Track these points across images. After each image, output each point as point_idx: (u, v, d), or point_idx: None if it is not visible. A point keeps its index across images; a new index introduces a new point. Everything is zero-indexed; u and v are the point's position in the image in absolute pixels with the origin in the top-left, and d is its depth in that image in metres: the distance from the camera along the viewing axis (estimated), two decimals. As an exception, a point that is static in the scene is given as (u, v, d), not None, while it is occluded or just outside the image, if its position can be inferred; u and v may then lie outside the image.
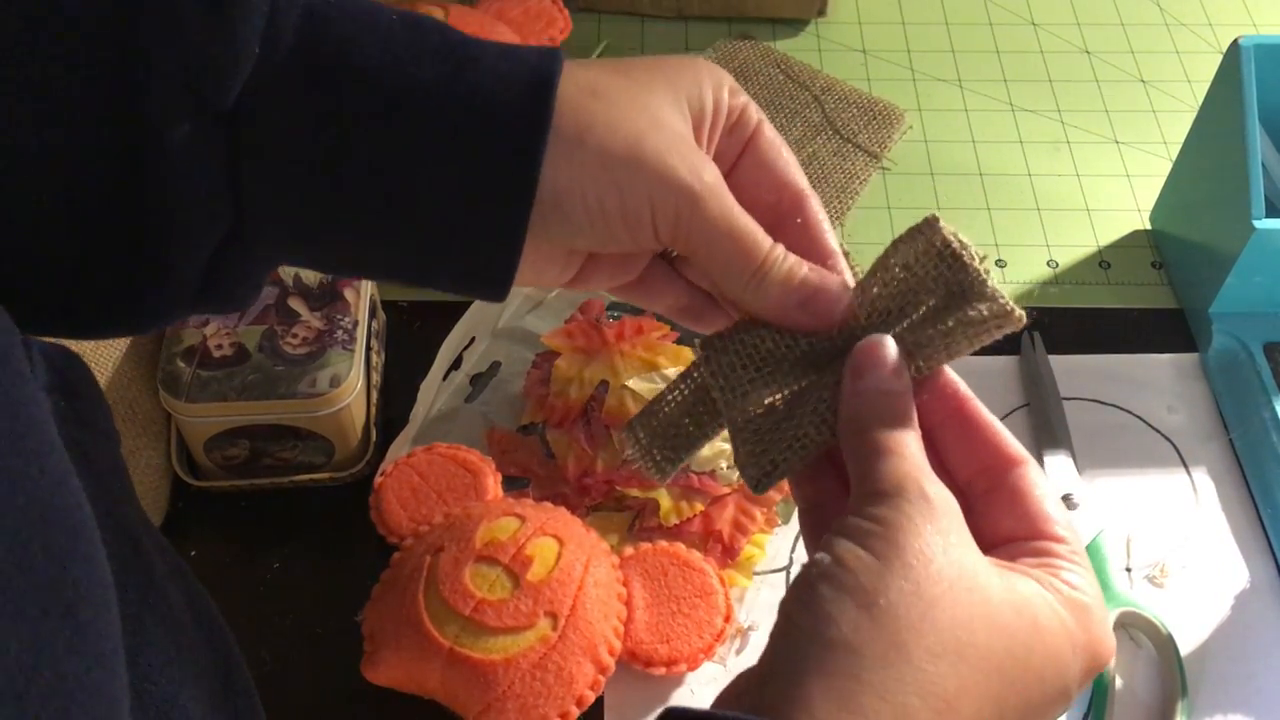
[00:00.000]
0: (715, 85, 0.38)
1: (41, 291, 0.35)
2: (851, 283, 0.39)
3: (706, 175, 0.36)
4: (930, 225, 0.36)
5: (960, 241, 0.36)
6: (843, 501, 0.36)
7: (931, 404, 0.36)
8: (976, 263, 0.36)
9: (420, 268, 0.38)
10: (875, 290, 0.37)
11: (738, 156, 0.39)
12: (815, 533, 0.38)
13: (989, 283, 0.36)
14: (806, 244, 0.39)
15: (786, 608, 0.32)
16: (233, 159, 0.34)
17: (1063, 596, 0.33)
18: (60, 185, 0.33)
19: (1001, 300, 0.35)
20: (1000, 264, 0.80)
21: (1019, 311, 0.35)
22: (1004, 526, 0.35)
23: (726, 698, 0.33)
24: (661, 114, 0.36)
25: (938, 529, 0.32)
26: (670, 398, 0.40)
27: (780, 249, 0.37)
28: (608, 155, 0.35)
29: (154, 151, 0.33)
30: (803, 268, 0.37)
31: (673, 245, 0.37)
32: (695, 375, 0.40)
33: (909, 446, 0.34)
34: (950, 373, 0.37)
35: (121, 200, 0.33)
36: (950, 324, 0.35)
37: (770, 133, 0.40)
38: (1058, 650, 0.32)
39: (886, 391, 0.35)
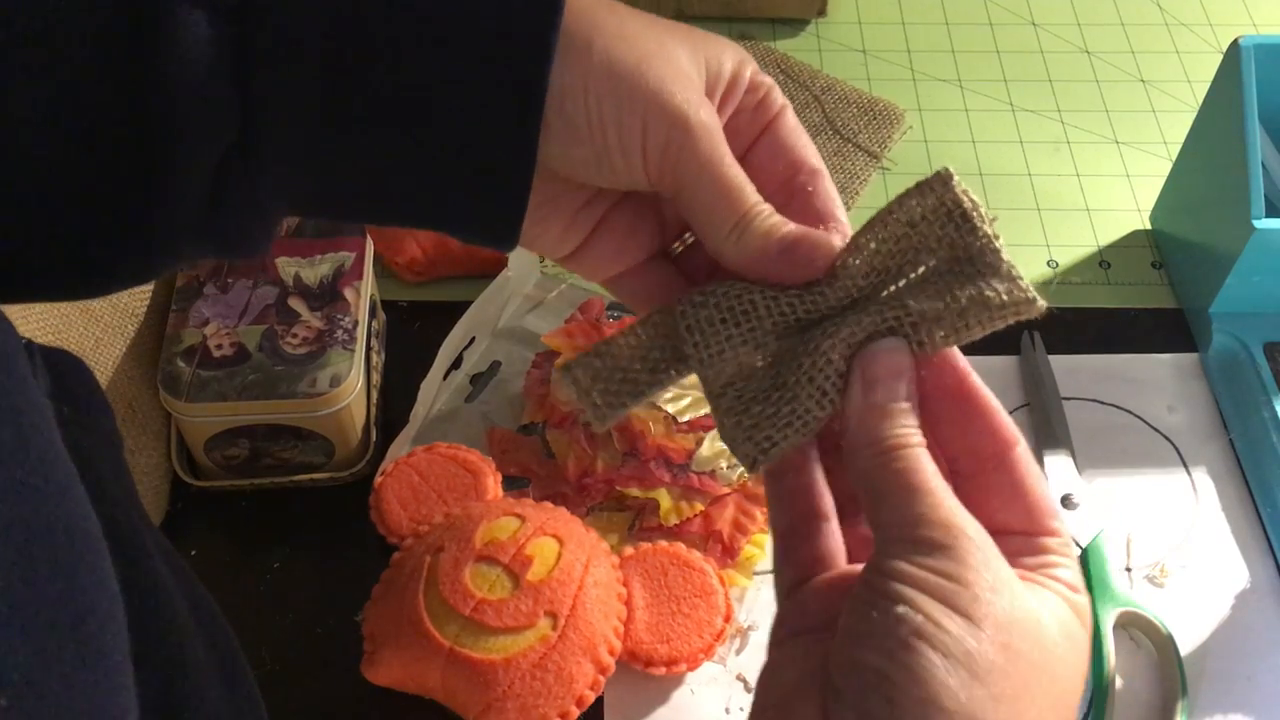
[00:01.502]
0: (737, 59, 0.38)
1: (49, 228, 0.34)
2: (845, 235, 0.36)
3: (704, 113, 0.35)
4: (942, 180, 0.34)
5: (972, 200, 0.34)
6: (823, 511, 0.36)
7: (930, 378, 0.35)
8: (987, 226, 0.34)
9: (433, 189, 0.36)
10: (873, 245, 0.35)
11: (756, 137, 0.39)
12: (797, 561, 0.36)
13: (1004, 256, 0.34)
14: (816, 212, 0.38)
15: (874, 663, 0.30)
16: (241, 57, 0.33)
17: (1069, 602, 0.33)
18: (63, 73, 0.32)
19: (1022, 285, 0.33)
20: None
21: (1041, 301, 0.33)
22: (1001, 518, 0.34)
23: None
24: (673, 53, 0.36)
25: (999, 577, 0.31)
26: (622, 341, 0.37)
27: (768, 207, 0.36)
28: (613, 64, 0.34)
29: (159, 40, 0.32)
30: (787, 225, 0.36)
31: (659, 180, 0.36)
32: (655, 319, 0.37)
33: (938, 477, 0.33)
34: (959, 357, 0.35)
35: (125, 95, 0.32)
36: (964, 302, 0.33)
37: (793, 120, 0.39)
38: (1077, 665, 0.32)
39: (902, 409, 0.34)
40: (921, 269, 0.35)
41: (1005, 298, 0.33)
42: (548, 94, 0.34)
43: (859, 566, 0.33)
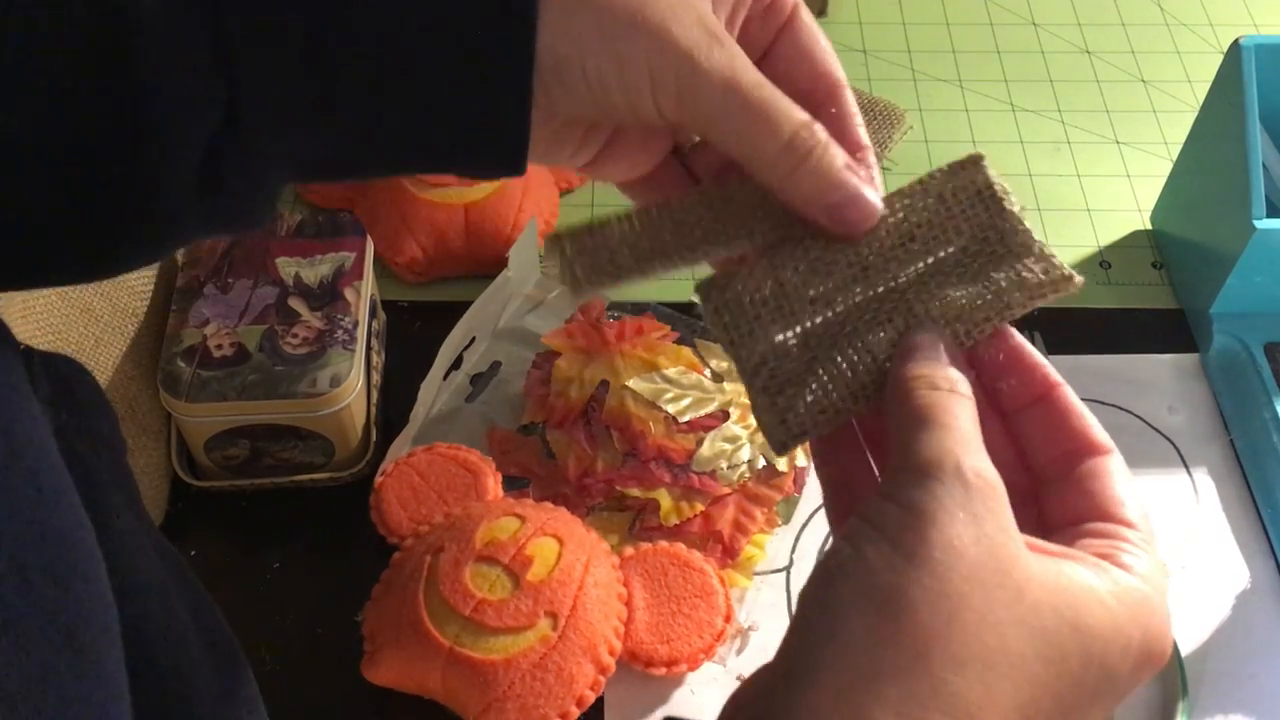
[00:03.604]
0: None
1: (45, 216, 0.33)
2: (880, 186, 0.36)
3: (714, 52, 0.33)
4: (974, 163, 0.34)
5: (1002, 184, 0.34)
6: (873, 476, 0.35)
7: (1019, 389, 0.34)
8: (1017, 210, 0.34)
9: (429, 145, 0.35)
10: (901, 215, 0.35)
11: (771, 42, 0.37)
12: (842, 514, 0.35)
13: (1036, 237, 0.33)
14: (838, 136, 0.36)
15: (803, 602, 0.29)
16: (219, 34, 0.32)
17: (1119, 587, 0.30)
18: (47, 69, 0.31)
19: (1057, 262, 0.33)
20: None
21: (1078, 277, 0.33)
22: (1073, 509, 0.32)
23: (744, 695, 0.31)
24: None
25: (973, 515, 0.28)
26: (615, 226, 0.36)
27: (817, 127, 0.34)
28: (606, 21, 0.32)
29: (132, 35, 0.31)
30: (839, 158, 0.34)
31: (684, 124, 0.35)
32: (653, 213, 0.36)
33: (958, 418, 0.31)
34: (1038, 355, 0.34)
35: (107, 86, 0.31)
36: (1002, 284, 0.33)
37: (807, 17, 0.37)
38: (1102, 653, 0.29)
39: (943, 366, 0.32)
40: (951, 248, 0.34)
41: (1043, 276, 0.33)
42: (545, 61, 0.33)
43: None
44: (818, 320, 0.35)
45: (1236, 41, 0.70)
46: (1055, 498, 0.33)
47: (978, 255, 0.34)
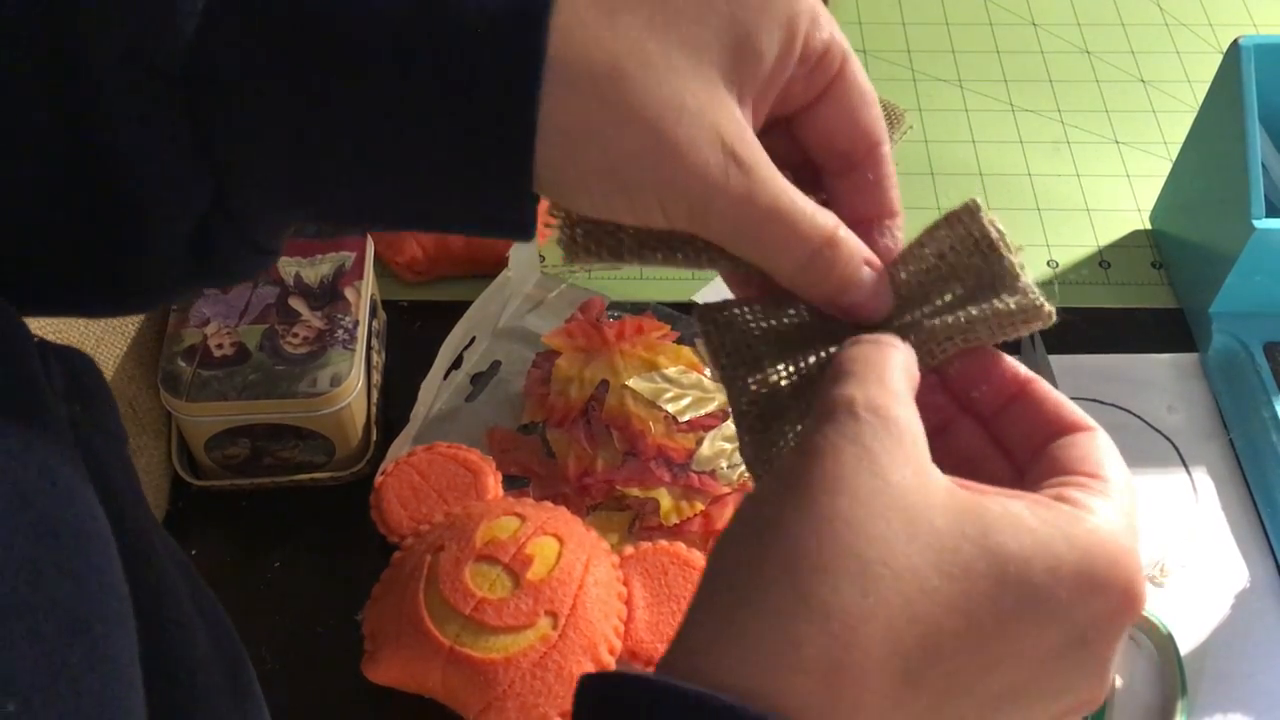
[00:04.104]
0: (788, 22, 0.32)
1: (34, 272, 0.34)
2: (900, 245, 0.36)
3: (729, 166, 0.31)
4: (970, 213, 0.35)
5: (999, 230, 0.35)
6: None
7: (991, 394, 0.34)
8: (1012, 255, 0.35)
9: (430, 216, 0.34)
10: (903, 276, 0.36)
11: (816, 99, 0.34)
12: None
13: (1021, 276, 0.34)
14: (873, 197, 0.35)
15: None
16: (198, 124, 0.31)
17: (1050, 511, 0.28)
18: (26, 169, 0.31)
19: (1032, 295, 0.34)
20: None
21: (1049, 307, 0.33)
22: (1043, 469, 0.32)
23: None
24: (690, 88, 0.30)
25: (863, 448, 0.28)
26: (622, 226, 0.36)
27: (840, 235, 0.33)
28: (613, 158, 0.30)
29: (108, 129, 0.30)
30: (859, 271, 0.34)
31: (701, 234, 0.33)
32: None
33: (870, 364, 0.30)
34: (1006, 357, 0.34)
35: (87, 183, 0.31)
36: (974, 312, 0.34)
37: (856, 75, 0.34)
38: (1021, 571, 0.27)
39: (871, 336, 0.32)
40: (949, 296, 0.35)
41: (1014, 306, 0.34)
42: (539, 179, 0.31)
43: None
44: (811, 361, 0.36)
45: (1236, 41, 0.70)
46: (1033, 477, 0.32)
47: (966, 299, 0.35)
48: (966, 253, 0.35)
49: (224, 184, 0.32)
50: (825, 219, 0.33)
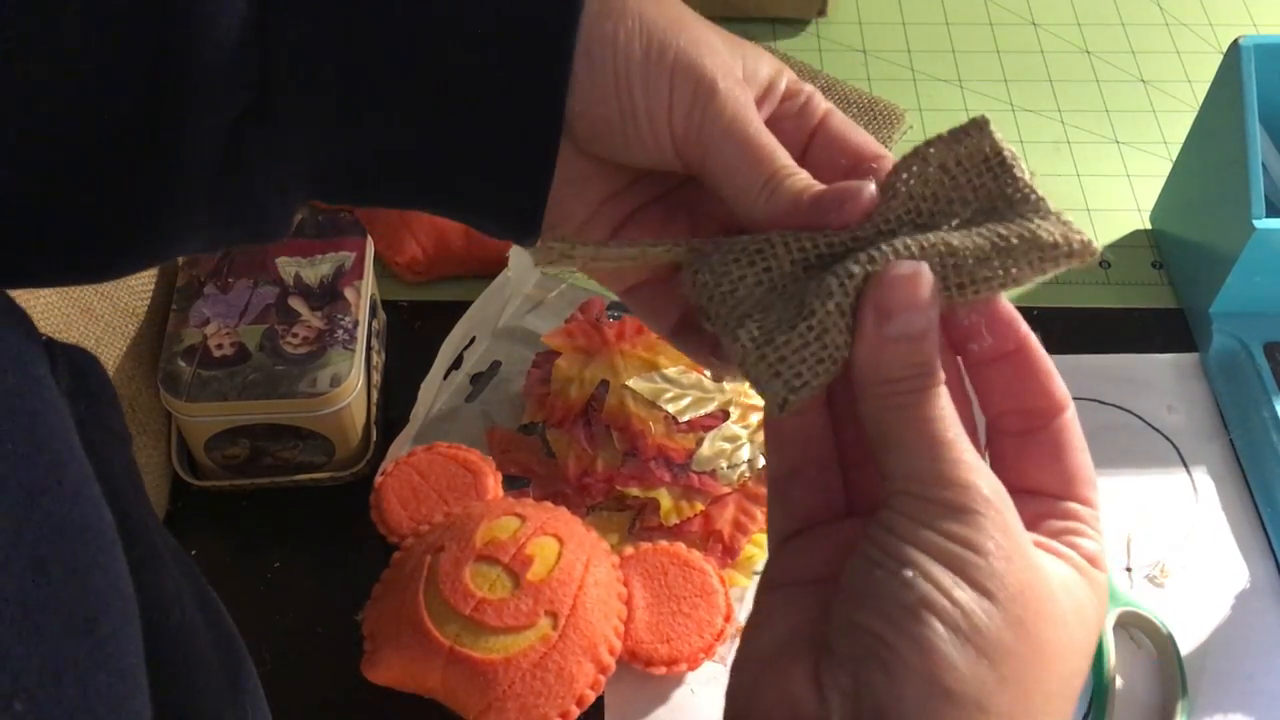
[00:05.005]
0: (775, 67, 0.37)
1: (58, 184, 0.32)
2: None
3: (733, 83, 0.35)
4: (979, 127, 0.32)
5: (1011, 151, 0.32)
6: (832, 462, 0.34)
7: (984, 331, 0.33)
8: (1027, 176, 0.32)
9: (453, 153, 0.35)
10: (903, 190, 0.32)
11: (808, 140, 0.37)
12: (800, 479, 0.34)
13: (1050, 204, 0.31)
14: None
15: (875, 628, 0.28)
16: (262, 17, 0.32)
17: (1085, 575, 0.31)
18: (92, 59, 0.30)
19: (1075, 228, 0.31)
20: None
21: (1097, 244, 0.31)
22: (1034, 478, 0.32)
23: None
24: (709, 36, 0.35)
25: (1015, 545, 0.29)
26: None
27: (800, 169, 0.35)
28: (646, 21, 0.34)
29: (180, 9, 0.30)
30: (818, 185, 0.34)
31: (684, 146, 0.35)
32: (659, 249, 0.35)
33: (957, 424, 0.30)
34: (1009, 305, 0.33)
35: (146, 46, 0.31)
36: (1014, 240, 0.30)
37: (842, 118, 0.38)
38: (1084, 645, 0.30)
39: (921, 343, 0.30)
40: (956, 221, 0.32)
41: (1059, 238, 0.31)
42: (579, 35, 0.33)
43: (861, 520, 0.31)
44: (798, 260, 0.32)
45: (1236, 41, 0.70)
46: (1013, 457, 0.33)
47: (986, 220, 0.32)
48: (975, 170, 0.32)
49: (269, 81, 0.32)
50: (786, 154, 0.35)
